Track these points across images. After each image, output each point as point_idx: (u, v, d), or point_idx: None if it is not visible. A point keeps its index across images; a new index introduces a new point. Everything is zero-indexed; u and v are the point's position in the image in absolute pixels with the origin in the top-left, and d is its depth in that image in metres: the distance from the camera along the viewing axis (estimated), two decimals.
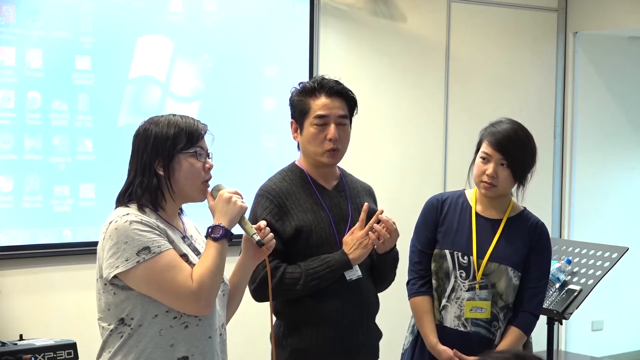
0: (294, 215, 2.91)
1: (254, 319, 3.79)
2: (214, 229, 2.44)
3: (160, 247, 2.37)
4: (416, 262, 3.22)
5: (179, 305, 2.39)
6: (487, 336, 3.12)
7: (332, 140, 2.90)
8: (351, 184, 3.08)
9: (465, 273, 3.12)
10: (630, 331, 6.80)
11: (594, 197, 6.54)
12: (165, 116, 2.51)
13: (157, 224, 2.42)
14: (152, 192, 2.45)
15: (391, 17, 5.63)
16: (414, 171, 5.78)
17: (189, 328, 2.43)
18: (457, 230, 3.17)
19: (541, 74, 6.34)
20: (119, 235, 2.36)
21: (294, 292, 2.86)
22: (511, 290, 3.12)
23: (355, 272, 2.93)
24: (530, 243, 3.16)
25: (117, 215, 2.40)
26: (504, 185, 3.11)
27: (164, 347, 2.40)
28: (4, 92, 4.34)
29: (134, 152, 2.50)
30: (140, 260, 2.34)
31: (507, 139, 3.08)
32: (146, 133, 2.47)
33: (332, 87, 2.94)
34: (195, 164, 2.47)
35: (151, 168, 2.45)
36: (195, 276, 2.38)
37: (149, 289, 2.37)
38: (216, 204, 2.48)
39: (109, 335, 2.43)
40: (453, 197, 3.24)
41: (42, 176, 4.44)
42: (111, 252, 2.36)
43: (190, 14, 4.86)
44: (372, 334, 3.03)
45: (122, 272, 2.35)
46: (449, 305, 3.14)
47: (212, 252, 2.42)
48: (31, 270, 4.47)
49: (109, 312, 2.42)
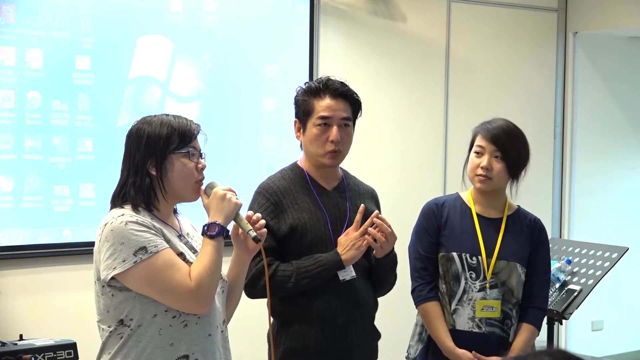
0: (289, 214, 2.91)
1: (254, 319, 3.79)
2: (209, 227, 2.44)
3: (157, 247, 2.37)
4: (421, 268, 3.18)
5: (178, 304, 2.39)
6: (502, 335, 3.11)
7: (334, 142, 2.91)
8: (353, 186, 3.08)
9: (475, 274, 3.11)
10: (630, 331, 6.79)
11: (594, 197, 6.53)
12: (158, 116, 2.51)
13: (153, 223, 2.42)
14: (145, 192, 2.45)
15: (391, 17, 5.63)
16: (414, 171, 5.78)
17: (189, 327, 2.43)
18: (461, 232, 3.16)
19: (541, 74, 6.34)
20: (115, 237, 2.36)
21: (285, 289, 2.87)
22: (520, 286, 3.13)
23: (349, 273, 2.92)
24: (531, 239, 3.18)
25: (112, 217, 2.40)
26: (498, 178, 3.11)
27: (164, 347, 2.40)
28: (4, 92, 4.34)
29: (126, 152, 2.51)
30: (137, 261, 2.34)
31: (501, 131, 3.11)
32: (139, 133, 2.48)
33: (337, 88, 2.94)
34: (188, 164, 2.47)
35: (144, 168, 2.45)
36: (193, 274, 2.38)
37: (147, 288, 2.37)
38: (210, 202, 2.48)
39: (108, 336, 2.43)
40: (450, 200, 3.24)
41: (42, 176, 4.44)
42: (108, 254, 2.36)
43: (190, 14, 4.86)
44: (368, 334, 3.01)
45: (119, 273, 2.35)
46: (461, 308, 3.11)
47: (209, 249, 2.42)
48: (31, 270, 4.47)
49: (108, 314, 2.42)
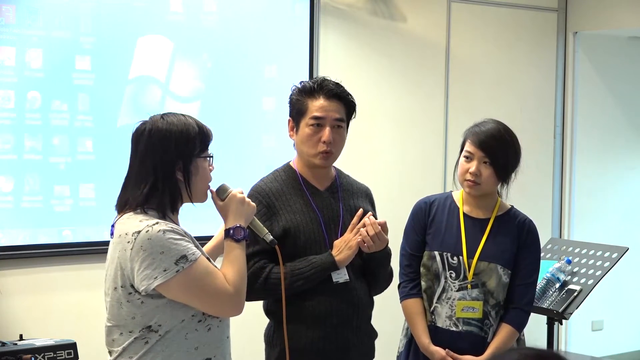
0: (282, 216, 2.91)
1: (253, 319, 3.79)
2: (235, 231, 2.48)
3: (195, 255, 2.37)
4: (406, 265, 3.24)
5: (219, 309, 2.42)
6: (479, 334, 3.13)
7: (326, 142, 2.90)
8: (346, 185, 3.07)
9: (455, 273, 3.14)
10: (630, 331, 6.80)
11: (594, 197, 6.54)
12: (176, 116, 2.47)
13: (184, 230, 2.42)
14: (174, 196, 2.43)
15: (391, 17, 5.63)
16: (414, 171, 5.77)
17: (212, 330, 2.44)
18: (445, 231, 3.19)
19: (541, 74, 6.34)
20: (153, 246, 2.32)
21: (279, 291, 2.85)
22: (501, 288, 3.14)
23: (343, 276, 2.92)
24: (518, 240, 3.18)
25: (147, 225, 2.35)
26: (487, 183, 3.13)
27: (189, 351, 2.41)
28: (4, 92, 4.33)
29: (147, 152, 2.43)
30: (179, 270, 2.33)
31: (489, 137, 3.11)
32: (164, 133, 2.42)
33: (331, 89, 2.93)
34: (207, 167, 2.49)
35: (173, 172, 2.42)
36: (230, 279, 2.42)
37: (187, 296, 2.36)
38: (228, 205, 2.50)
39: (131, 342, 2.40)
40: (441, 199, 3.27)
41: (42, 176, 4.44)
42: (146, 264, 2.33)
43: (190, 14, 4.86)
44: (364, 334, 3.01)
45: (161, 284, 2.33)
46: (440, 306, 3.15)
47: (237, 253, 2.47)
48: (31, 270, 4.47)
49: (133, 320, 2.39)
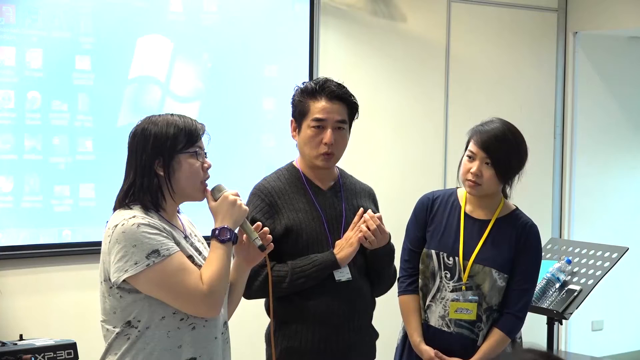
0: (284, 215, 2.92)
1: (253, 319, 3.79)
2: (220, 231, 2.44)
3: (169, 250, 2.36)
4: (405, 260, 3.23)
5: (190, 308, 2.39)
6: (470, 337, 3.11)
7: (328, 144, 2.91)
8: (349, 185, 3.08)
9: (450, 274, 3.12)
10: (630, 331, 6.80)
11: (594, 197, 6.53)
12: (162, 116, 2.50)
13: (164, 225, 2.41)
14: (154, 192, 2.44)
15: (391, 17, 5.63)
16: (414, 171, 5.77)
17: (196, 329, 2.43)
18: (444, 230, 3.17)
19: (541, 73, 6.34)
20: (127, 239, 2.34)
21: (280, 290, 2.87)
22: (495, 292, 3.10)
23: (345, 274, 2.92)
24: (517, 244, 3.12)
25: (123, 218, 2.38)
26: (488, 184, 3.10)
27: (171, 349, 2.40)
28: (4, 92, 4.33)
29: (131, 152, 2.48)
30: (150, 264, 2.33)
31: (492, 138, 3.07)
32: (144, 133, 2.46)
33: (333, 91, 2.93)
34: (195, 163, 2.47)
35: (151, 168, 2.44)
36: (205, 278, 2.38)
37: (158, 292, 2.36)
38: (219, 206, 2.47)
39: (114, 338, 2.41)
40: (444, 196, 3.25)
41: (42, 176, 4.44)
42: (119, 256, 2.35)
43: (190, 14, 4.86)
44: (365, 333, 3.02)
45: (131, 276, 2.34)
46: (434, 305, 3.14)
47: (220, 254, 2.42)
48: (31, 270, 4.47)
49: (114, 315, 2.40)
